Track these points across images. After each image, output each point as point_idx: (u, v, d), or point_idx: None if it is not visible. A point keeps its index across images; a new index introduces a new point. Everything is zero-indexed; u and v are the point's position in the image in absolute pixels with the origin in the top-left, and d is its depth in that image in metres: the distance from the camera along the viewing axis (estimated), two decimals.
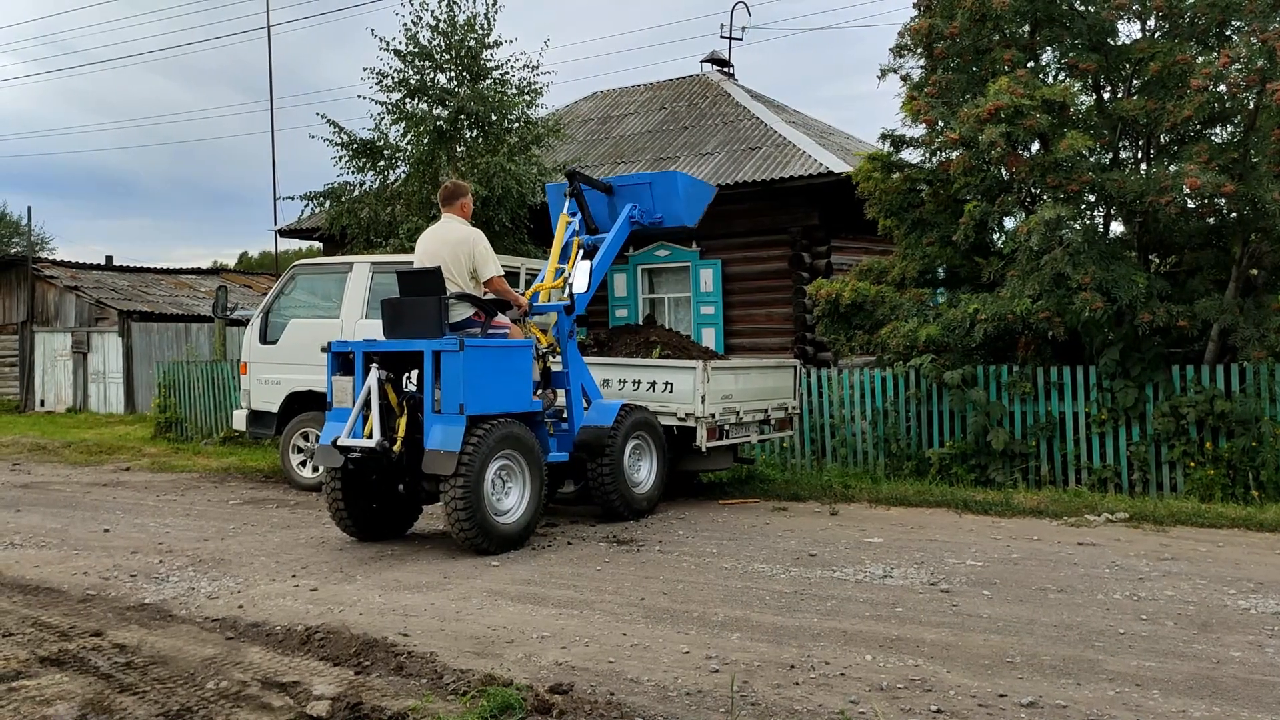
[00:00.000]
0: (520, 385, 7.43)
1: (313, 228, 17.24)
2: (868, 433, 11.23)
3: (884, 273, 11.91)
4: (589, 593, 6.12)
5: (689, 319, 15.44)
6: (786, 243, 14.80)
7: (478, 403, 7.08)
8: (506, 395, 7.32)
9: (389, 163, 14.94)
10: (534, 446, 7.41)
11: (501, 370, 7.28)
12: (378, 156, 14.87)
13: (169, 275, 28.21)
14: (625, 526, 8.31)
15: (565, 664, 4.76)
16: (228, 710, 4.15)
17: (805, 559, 7.01)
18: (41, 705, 4.22)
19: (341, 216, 14.63)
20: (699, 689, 4.39)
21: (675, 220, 9.07)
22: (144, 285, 26.09)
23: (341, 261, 11.34)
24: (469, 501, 6.91)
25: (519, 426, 7.34)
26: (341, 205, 14.74)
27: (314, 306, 11.15)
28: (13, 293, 25.07)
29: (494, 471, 7.12)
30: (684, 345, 10.28)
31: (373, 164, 14.93)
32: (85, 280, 24.78)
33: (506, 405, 7.31)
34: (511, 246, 13.96)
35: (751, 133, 16.27)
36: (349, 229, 14.64)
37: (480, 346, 7.19)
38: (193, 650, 4.99)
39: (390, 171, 15.00)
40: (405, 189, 14.71)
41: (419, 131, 14.46)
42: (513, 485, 7.31)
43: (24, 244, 31.42)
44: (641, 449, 8.63)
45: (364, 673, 4.63)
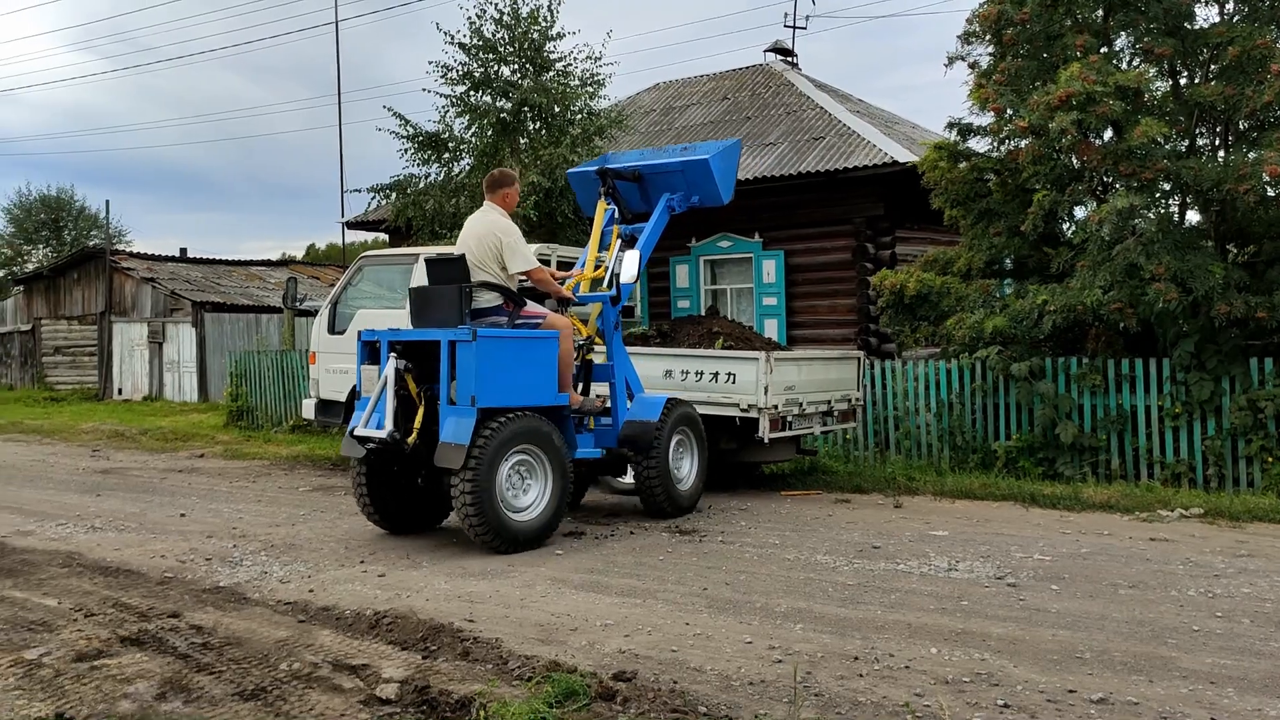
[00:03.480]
0: (543, 378, 7.10)
1: (379, 220, 17.49)
2: (932, 425, 11.10)
3: (950, 263, 11.75)
4: (651, 582, 6.15)
5: (751, 310, 15.39)
6: (850, 233, 14.67)
7: (492, 395, 6.80)
8: (526, 388, 7.00)
9: (453, 155, 15.11)
10: (556, 442, 7.09)
11: (521, 362, 6.97)
12: (442, 149, 15.04)
13: (240, 267, 28.83)
14: (687, 517, 8.33)
15: (628, 652, 4.79)
16: (300, 691, 4.25)
17: (868, 551, 6.96)
18: (122, 683, 4.36)
19: (407, 208, 14.82)
20: (762, 679, 4.39)
21: (713, 201, 8.79)
22: (216, 277, 26.70)
23: (407, 253, 11.48)
24: (479, 497, 6.66)
25: (540, 421, 7.03)
26: (407, 197, 14.94)
27: (381, 297, 11.32)
28: (92, 284, 25.81)
29: (509, 467, 6.87)
30: (747, 336, 10.25)
31: (437, 156, 15.11)
32: (161, 272, 25.42)
33: (526, 398, 7.00)
34: (574, 238, 14.03)
35: (815, 122, 16.14)
36: (414, 221, 14.82)
37: (495, 337, 6.90)
38: (266, 632, 5.12)
39: (454, 163, 15.17)
40: (469, 181, 14.85)
41: (483, 124, 14.59)
42: (532, 482, 7.04)
43: (103, 237, 32.33)
44: (684, 444, 8.42)
45: (431, 657, 4.71)
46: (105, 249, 26.22)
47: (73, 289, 26.33)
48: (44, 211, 41.65)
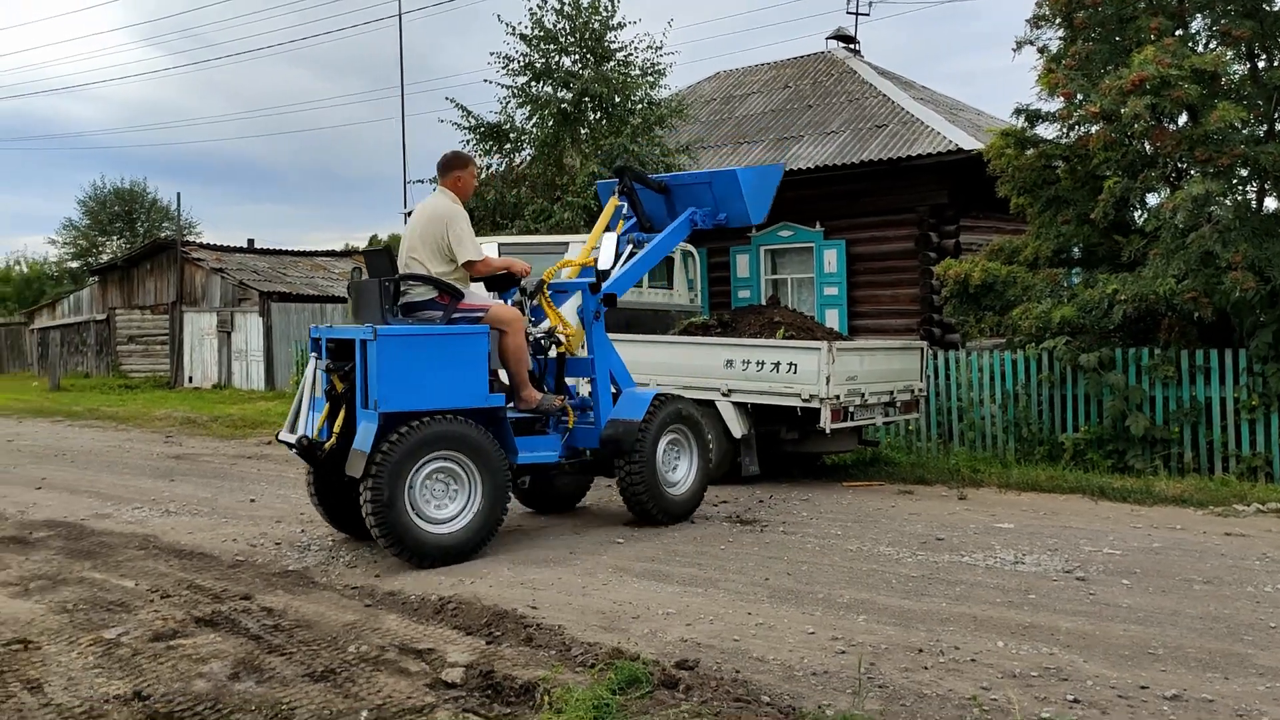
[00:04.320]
0: (467, 377, 6.40)
1: None
2: (997, 416, 10.94)
3: (1016, 252, 11.55)
4: (713, 571, 6.15)
5: (812, 300, 15.28)
6: (913, 222, 14.49)
7: (399, 398, 6.18)
8: (446, 389, 6.32)
9: (514, 145, 15.21)
10: (486, 448, 6.37)
11: (438, 361, 6.31)
12: (503, 139, 15.15)
13: (305, 257, 29.32)
14: (748, 507, 8.31)
15: (690, 641, 4.79)
16: (368, 673, 4.32)
17: (932, 543, 6.89)
18: (198, 663, 4.47)
19: (469, 199, 14.94)
20: (825, 669, 4.37)
21: (740, 220, 8.19)
22: (282, 267, 27.19)
23: None
24: (382, 507, 6.03)
25: (464, 425, 6.31)
26: None
27: None
28: (164, 275, 26.43)
29: (425, 475, 6.21)
30: (808, 326, 10.19)
31: (499, 147, 15.22)
32: (229, 263, 25.96)
33: (447, 400, 6.32)
34: None
35: (878, 110, 15.95)
36: (476, 211, 14.94)
37: (399, 335, 6.26)
38: (334, 615, 5.21)
39: (516, 154, 15.27)
40: (530, 171, 14.94)
41: (543, 114, 14.67)
42: (458, 490, 6.36)
43: (174, 228, 33.08)
44: (680, 445, 7.63)
45: (495, 642, 4.76)
46: (176, 240, 26.82)
47: (145, 279, 26.99)
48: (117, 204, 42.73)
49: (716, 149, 16.74)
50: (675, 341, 10.07)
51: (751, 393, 9.36)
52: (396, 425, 6.16)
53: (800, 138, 16.05)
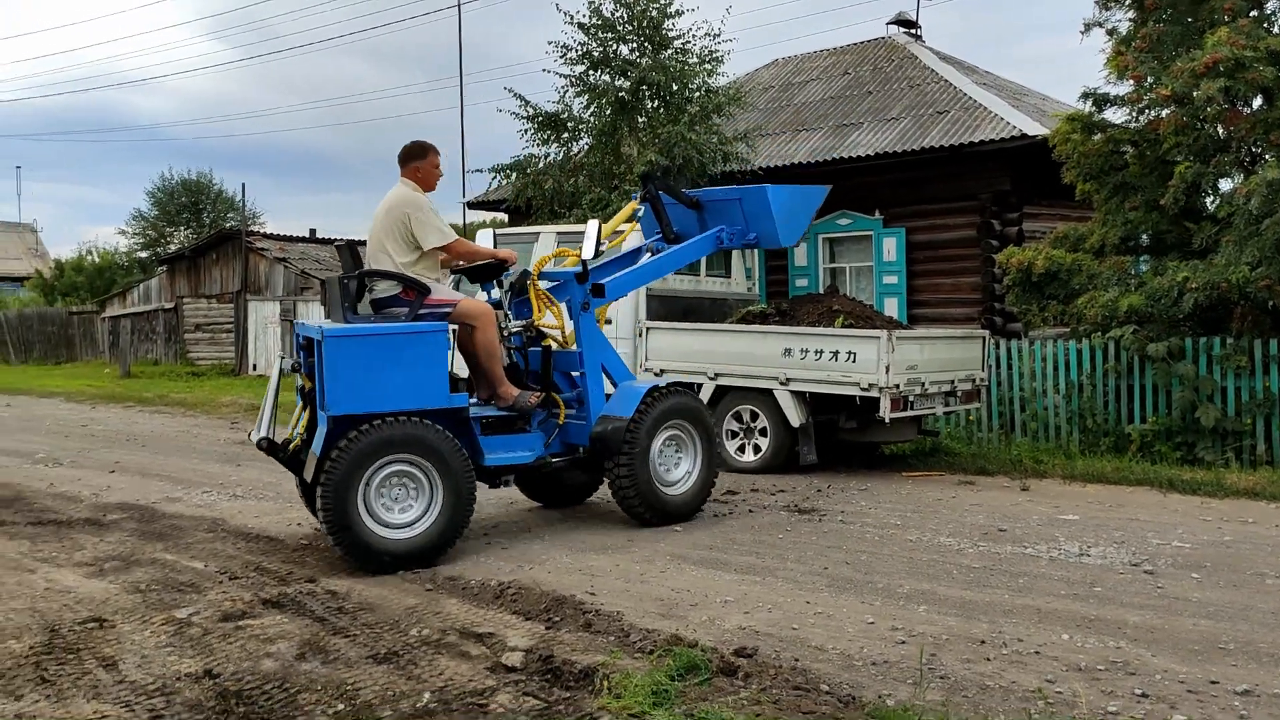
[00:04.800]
0: (427, 377, 6.09)
1: (499, 199, 17.78)
2: (1061, 407, 10.74)
3: (1081, 240, 11.32)
4: (771, 560, 6.13)
5: (871, 289, 15.13)
6: (975, 209, 14.27)
7: (348, 400, 5.91)
8: (402, 390, 6.02)
9: (572, 134, 15.25)
10: (445, 451, 6.03)
11: (391, 361, 6.01)
12: (561, 129, 15.19)
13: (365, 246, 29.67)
14: (806, 496, 8.27)
15: (749, 629, 4.79)
16: (430, 656, 4.38)
17: (994, 534, 6.80)
18: (265, 643, 4.57)
19: (527, 188, 15.02)
20: (885, 659, 4.34)
21: (770, 241, 7.77)
22: None
23: (529, 231, 11.66)
24: (334, 512, 5.78)
25: (420, 427, 5.99)
26: (526, 177, 15.14)
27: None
28: (229, 264, 26.96)
29: (381, 479, 5.94)
30: (867, 315, 10.09)
31: (556, 136, 15.27)
32: (292, 252, 26.38)
33: (402, 402, 6.01)
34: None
35: (939, 96, 15.72)
36: (534, 200, 15.02)
37: (348, 335, 6.01)
38: (396, 599, 5.29)
39: (573, 143, 15.31)
40: (588, 160, 14.97)
41: (601, 103, 14.68)
42: (418, 494, 6.05)
43: (239, 219, 33.70)
44: (681, 442, 7.17)
45: (554, 628, 4.79)
46: (241, 230, 27.32)
47: (211, 268, 27.54)
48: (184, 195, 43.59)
49: (775, 136, 16.63)
50: (733, 330, 10.04)
51: (810, 381, 9.30)
52: (349, 428, 5.90)
53: (859, 124, 15.88)
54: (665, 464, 7.09)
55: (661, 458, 7.05)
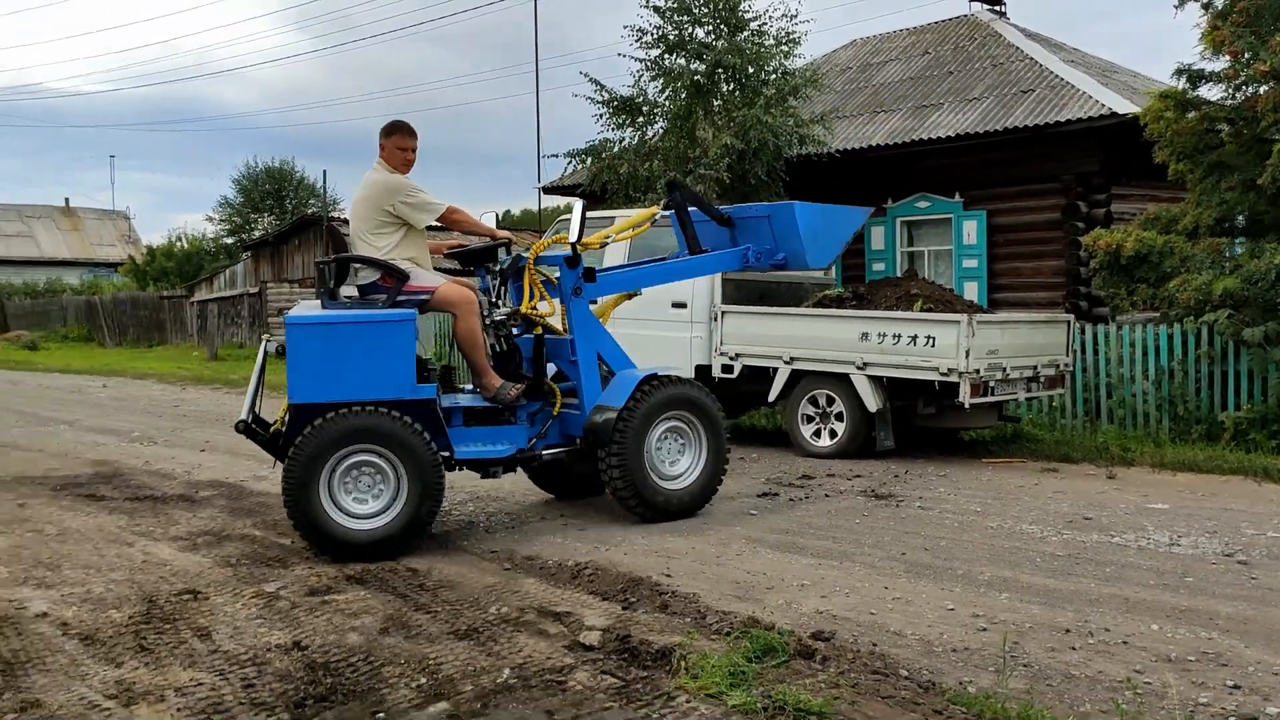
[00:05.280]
0: (392, 367, 5.93)
1: (574, 184, 17.85)
2: (1150, 393, 10.45)
3: (1173, 221, 10.96)
4: (848, 545, 6.09)
5: (950, 273, 14.87)
6: (1060, 191, 13.92)
7: (310, 389, 5.84)
8: (366, 379, 5.89)
9: (647, 119, 15.23)
10: (410, 442, 5.85)
11: (358, 350, 5.89)
12: (636, 113, 15.19)
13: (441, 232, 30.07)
14: (883, 481, 8.18)
15: (826, 613, 4.77)
16: (509, 633, 4.44)
17: (1080, 522, 6.65)
18: (350, 617, 4.68)
19: (602, 173, 15.05)
20: (965, 646, 4.28)
21: (798, 263, 7.28)
22: None
23: (604, 215, 11.67)
24: (295, 500, 5.75)
25: (382, 418, 5.84)
26: (602, 162, 15.17)
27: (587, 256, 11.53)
28: (311, 249, 27.55)
29: (346, 469, 5.84)
30: (947, 299, 9.93)
31: (631, 120, 15.27)
32: None
33: (366, 392, 5.88)
34: (767, 199, 13.91)
35: (1024, 74, 15.35)
36: (609, 184, 15.05)
37: (310, 323, 5.94)
38: (475, 577, 5.37)
39: (648, 127, 15.29)
40: (663, 144, 14.94)
41: (676, 87, 14.64)
42: (384, 485, 5.91)
43: (320, 205, 34.38)
44: (683, 434, 6.83)
45: (631, 608, 4.82)
46: (322, 216, 27.88)
47: (293, 254, 28.17)
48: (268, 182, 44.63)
49: (852, 118, 16.42)
50: (809, 314, 9.95)
51: (887, 366, 9.19)
52: (313, 416, 5.81)
53: (940, 105, 15.59)
54: (666, 457, 6.76)
55: (660, 450, 6.72)
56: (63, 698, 3.78)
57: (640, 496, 6.57)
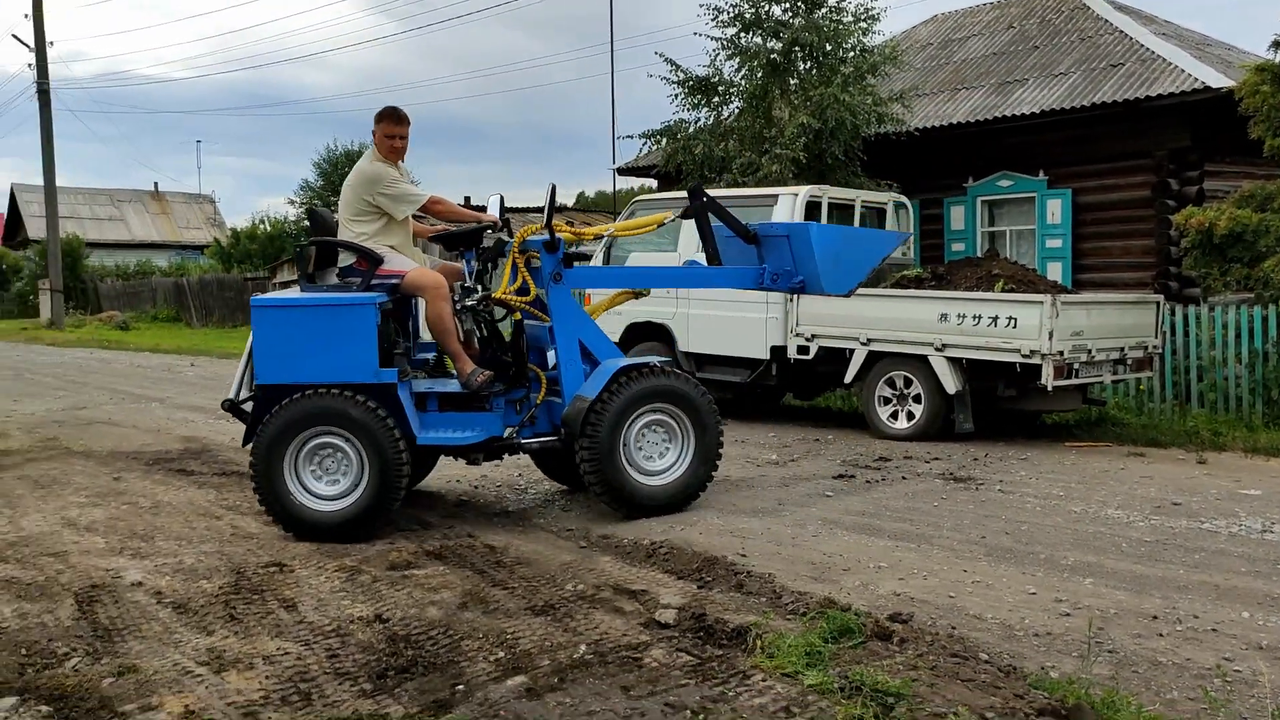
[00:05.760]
0: (354, 351, 5.91)
1: (649, 165, 17.83)
2: (1243, 376, 10.10)
3: (1270, 199, 10.55)
4: (925, 527, 6.01)
5: (1032, 253, 14.51)
6: (1150, 168, 13.47)
7: (276, 370, 5.95)
8: (328, 363, 5.92)
9: (722, 98, 15.11)
10: (370, 426, 5.84)
11: (320, 333, 5.93)
12: (712, 93, 15.07)
13: (516, 214, 30.28)
14: (962, 464, 8.05)
15: (903, 595, 4.72)
16: (585, 610, 4.49)
17: (1168, 508, 6.47)
18: (430, 592, 4.77)
19: (677, 153, 14.98)
20: (1048, 631, 4.21)
21: (814, 287, 6.75)
22: None
23: (679, 196, 11.62)
24: (260, 479, 5.89)
25: (344, 401, 5.86)
26: (677, 142, 15.10)
27: (654, 240, 11.55)
28: None
29: (309, 450, 5.91)
30: (1029, 279, 9.71)
31: (707, 100, 15.16)
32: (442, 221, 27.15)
33: (329, 374, 5.91)
34: (843, 179, 13.73)
35: (1113, 48, 14.88)
36: (684, 165, 14.98)
37: (274, 305, 6.11)
38: (552, 555, 5.43)
39: (724, 107, 15.18)
40: (738, 124, 14.82)
41: (752, 65, 14.49)
42: (348, 467, 5.93)
43: None
44: (667, 428, 6.47)
45: (706, 587, 4.83)
46: None
47: None
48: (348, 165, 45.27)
49: (932, 96, 16.10)
50: (886, 295, 9.82)
51: (967, 348, 9.03)
52: (280, 398, 5.93)
53: (1024, 81, 15.19)
54: (647, 451, 6.43)
55: (640, 444, 6.39)
56: (158, 663, 3.92)
57: (614, 491, 6.26)
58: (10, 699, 3.61)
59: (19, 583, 4.94)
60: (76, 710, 3.52)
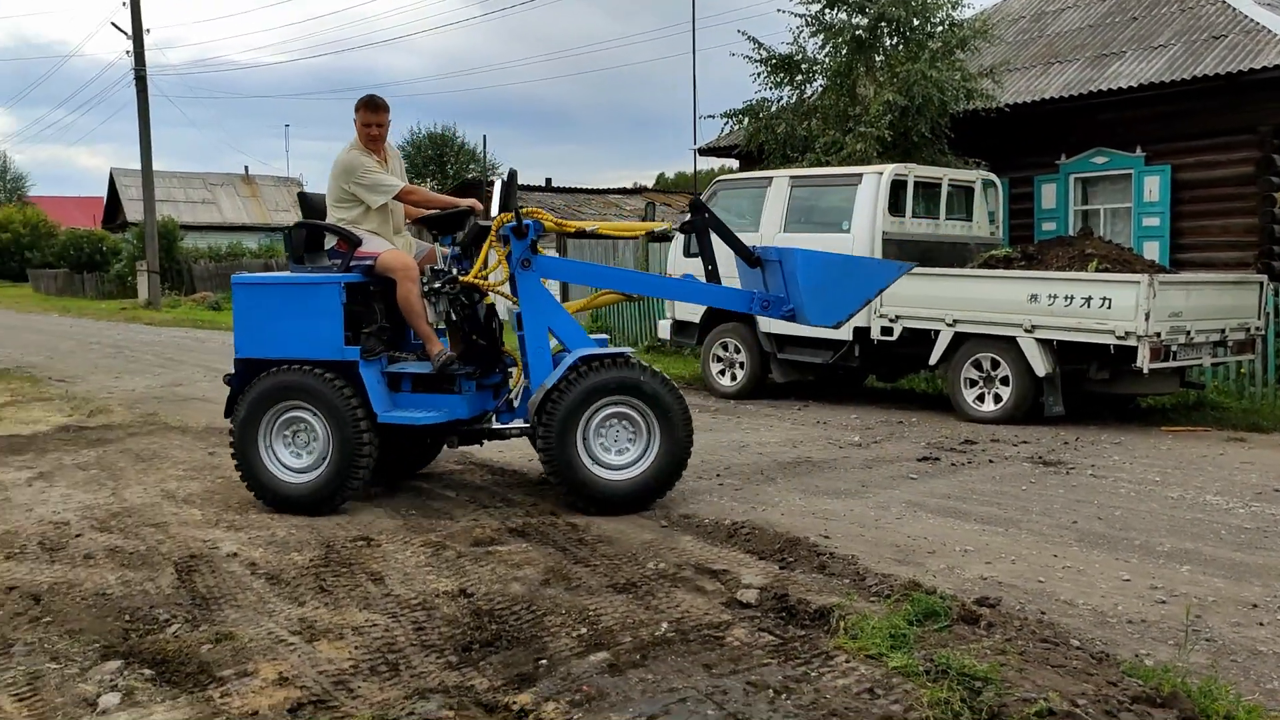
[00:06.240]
0: (321, 328, 6.09)
1: (730, 145, 17.69)
2: None
3: None
4: (1014, 511, 5.89)
5: (1128, 232, 14.06)
6: (1253, 144, 12.93)
7: (250, 345, 6.24)
8: (298, 339, 6.13)
9: (806, 76, 14.91)
10: (332, 402, 5.96)
11: (291, 311, 6.16)
12: (795, 71, 14.88)
13: (598, 195, 30.38)
14: (1052, 448, 7.86)
15: (990, 579, 4.64)
16: (667, 589, 4.49)
17: (1270, 494, 6.24)
18: (513, 568, 4.83)
19: (759, 133, 14.85)
20: (1142, 618, 4.09)
21: (802, 317, 6.27)
22: (577, 205, 28.31)
23: (761, 176, 11.55)
24: (238, 451, 6.09)
25: (308, 376, 6.01)
26: (759, 121, 14.96)
27: (735, 220, 11.47)
28: None
29: (279, 424, 6.10)
30: (1125, 258, 9.43)
31: (790, 78, 14.97)
32: (529, 201, 27.35)
33: (299, 351, 6.11)
34: (930, 158, 13.44)
35: (1215, 19, 14.30)
36: (766, 145, 14.84)
37: (251, 283, 6.40)
38: (633, 534, 5.45)
39: (807, 85, 14.98)
40: (821, 103, 14.62)
41: (837, 43, 14.27)
42: (315, 442, 6.07)
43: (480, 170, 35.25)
44: (631, 421, 6.11)
45: (788, 568, 4.81)
46: (482, 181, 28.57)
47: None
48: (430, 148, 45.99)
49: (1024, 70, 15.67)
50: (974, 275, 9.63)
51: (1058, 329, 8.81)
52: (257, 372, 6.15)
53: (1121, 54, 14.69)
54: (608, 444, 6.12)
55: (601, 437, 6.10)
56: (253, 631, 4.04)
57: (569, 482, 6.03)
58: (115, 662, 3.75)
59: (123, 551, 5.13)
60: (177, 674, 3.65)
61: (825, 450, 7.92)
